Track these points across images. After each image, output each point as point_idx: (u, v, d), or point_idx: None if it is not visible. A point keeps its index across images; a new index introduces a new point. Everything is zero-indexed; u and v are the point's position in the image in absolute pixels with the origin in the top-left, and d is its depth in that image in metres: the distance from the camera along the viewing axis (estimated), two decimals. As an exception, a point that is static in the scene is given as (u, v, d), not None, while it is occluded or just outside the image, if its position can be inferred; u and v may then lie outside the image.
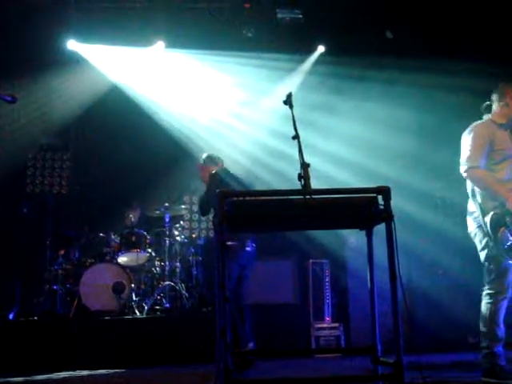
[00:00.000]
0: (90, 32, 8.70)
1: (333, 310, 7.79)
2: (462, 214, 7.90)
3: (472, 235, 4.90)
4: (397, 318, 3.42)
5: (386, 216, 3.47)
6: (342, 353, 7.23)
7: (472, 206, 4.88)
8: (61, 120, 9.01)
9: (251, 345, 5.91)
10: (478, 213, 4.75)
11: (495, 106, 4.99)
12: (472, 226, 4.89)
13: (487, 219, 4.61)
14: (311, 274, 7.87)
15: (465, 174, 4.83)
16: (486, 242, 4.69)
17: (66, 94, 9.07)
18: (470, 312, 7.10)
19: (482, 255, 4.78)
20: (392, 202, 3.53)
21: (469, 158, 4.79)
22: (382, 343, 3.78)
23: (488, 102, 5.08)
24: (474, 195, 4.84)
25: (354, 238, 7.73)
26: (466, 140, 4.90)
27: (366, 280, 3.87)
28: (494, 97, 5.01)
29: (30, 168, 8.99)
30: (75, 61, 8.91)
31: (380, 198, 3.54)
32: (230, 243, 5.68)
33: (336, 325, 7.61)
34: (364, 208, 3.52)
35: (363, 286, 4.10)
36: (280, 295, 7.87)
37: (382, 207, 3.51)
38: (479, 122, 5.01)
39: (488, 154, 4.80)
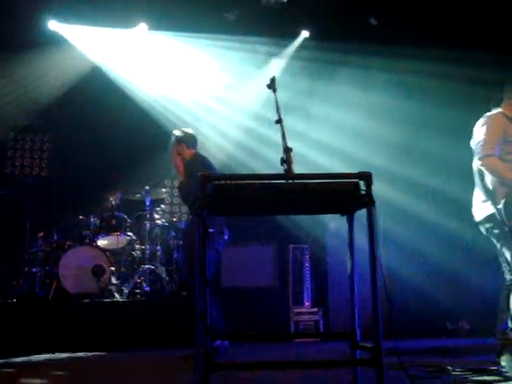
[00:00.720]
0: (72, 12, 8.58)
1: (312, 295, 7.83)
2: (446, 201, 8.06)
3: (482, 224, 4.89)
4: (376, 302, 3.43)
5: (368, 201, 3.47)
6: (321, 337, 7.29)
7: (479, 195, 4.89)
8: (41, 101, 8.92)
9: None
10: (488, 201, 4.76)
11: (507, 99, 5.00)
12: (481, 215, 4.88)
13: (500, 206, 4.63)
14: (291, 258, 7.89)
15: (479, 163, 4.82)
16: (502, 229, 4.68)
17: (47, 75, 8.97)
18: (448, 298, 7.23)
19: (499, 244, 4.77)
20: (375, 190, 3.53)
21: (484, 147, 4.79)
22: (361, 328, 3.80)
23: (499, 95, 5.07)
24: (484, 183, 4.84)
25: (334, 223, 7.76)
26: (481, 130, 4.90)
27: (346, 265, 3.88)
28: (507, 89, 5.02)
29: (9, 149, 8.91)
30: (56, 41, 8.79)
31: (362, 183, 3.54)
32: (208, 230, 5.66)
33: (315, 309, 7.65)
34: (346, 193, 3.51)
35: (343, 271, 4.12)
36: (260, 280, 7.90)
37: (363, 192, 3.51)
38: (492, 112, 5.00)
39: (501, 145, 4.83)
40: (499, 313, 4.83)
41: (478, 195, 4.93)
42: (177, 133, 6.41)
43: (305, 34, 9.25)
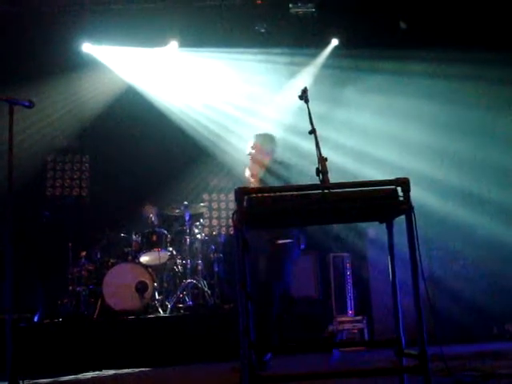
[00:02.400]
0: (104, 34, 8.76)
1: (355, 303, 7.77)
2: (482, 204, 7.96)
3: None
4: (419, 309, 3.40)
5: (406, 208, 3.45)
6: (366, 346, 7.21)
7: None
8: (78, 123, 9.09)
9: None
10: None
11: None
12: None
13: None
14: (332, 267, 7.85)
15: None
16: None
17: (83, 97, 9.14)
18: (493, 302, 7.11)
19: None
20: (413, 195, 3.51)
21: None
22: (406, 335, 3.77)
23: None
24: None
25: (373, 230, 7.71)
26: None
27: (387, 272, 3.86)
28: None
29: (49, 171, 9.09)
30: (91, 63, 8.98)
31: (399, 189, 3.52)
32: (284, 241, 5.69)
33: (359, 318, 7.57)
34: (383, 200, 3.49)
35: (385, 279, 4.08)
36: (302, 290, 7.86)
37: (401, 199, 3.49)
38: None
39: None
40: None
41: None
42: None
43: (334, 42, 9.23)
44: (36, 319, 7.65)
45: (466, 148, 8.05)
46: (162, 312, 7.47)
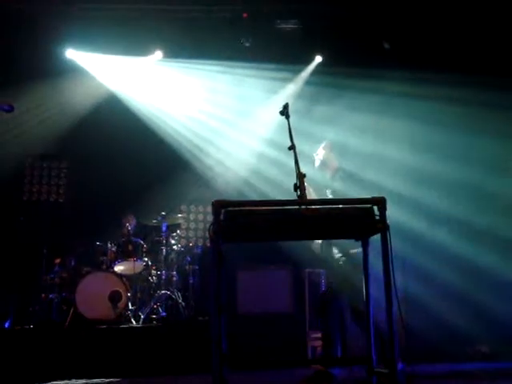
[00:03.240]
0: (89, 41, 8.72)
1: (329, 320, 7.76)
2: (458, 224, 8.03)
3: None
4: (392, 327, 3.42)
5: (382, 226, 3.48)
6: (337, 363, 7.20)
7: None
8: (58, 128, 9.02)
9: None
10: None
11: None
12: None
13: None
14: (307, 283, 7.85)
15: None
16: None
17: (64, 103, 9.08)
18: (467, 322, 7.15)
19: None
20: (389, 213, 3.54)
21: None
22: (380, 352, 3.78)
23: None
24: None
25: (350, 247, 7.71)
26: None
27: (362, 289, 3.87)
28: None
29: (27, 176, 9.01)
30: (73, 69, 8.94)
31: (376, 208, 3.55)
32: (354, 251, 5.68)
33: (332, 334, 7.57)
34: (359, 218, 3.53)
35: (359, 296, 4.09)
36: (276, 305, 7.85)
37: (377, 218, 3.52)
38: None
39: None
40: None
41: None
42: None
43: (318, 59, 9.28)
44: (7, 325, 7.55)
45: (442, 168, 8.12)
46: (134, 322, 7.42)
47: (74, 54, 8.91)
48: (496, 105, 7.99)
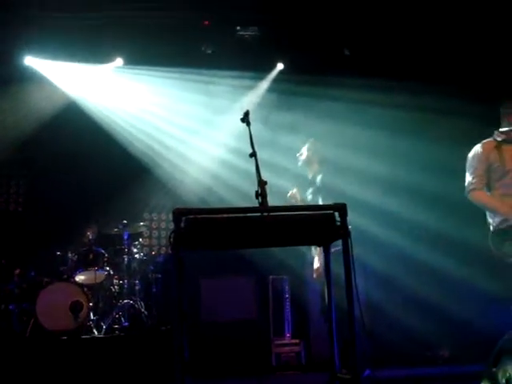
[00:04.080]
0: (48, 48, 8.60)
1: (293, 326, 7.79)
2: (419, 229, 8.14)
3: None
4: (353, 333, 3.44)
5: (343, 232, 3.49)
6: (301, 369, 7.23)
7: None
8: (17, 136, 8.88)
9: None
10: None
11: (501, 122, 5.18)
12: None
13: (489, 235, 4.84)
14: (271, 290, 7.86)
15: (468, 197, 5.10)
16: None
17: (23, 110, 8.94)
18: (428, 327, 7.24)
19: None
20: (354, 220, 3.56)
21: (467, 182, 5.10)
22: (343, 358, 3.79)
23: None
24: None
25: (313, 253, 7.75)
26: (467, 164, 5.14)
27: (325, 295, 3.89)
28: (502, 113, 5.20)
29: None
30: (32, 77, 8.81)
31: (337, 214, 3.56)
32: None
33: (296, 341, 7.60)
34: (321, 225, 3.54)
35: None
36: (240, 312, 7.84)
37: (338, 224, 3.53)
38: (476, 145, 5.21)
39: (486, 174, 5.02)
40: None
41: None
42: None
43: (280, 66, 9.32)
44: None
45: (408, 176, 8.21)
46: (96, 333, 7.32)
47: (32, 61, 8.78)
48: (454, 112, 8.12)
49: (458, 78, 8.36)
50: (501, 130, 5.11)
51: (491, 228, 4.98)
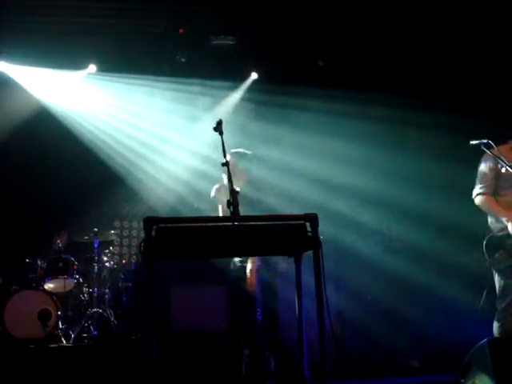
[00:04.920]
0: (20, 53, 8.53)
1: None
2: (390, 241, 8.20)
3: None
4: (323, 344, 3.43)
5: (314, 243, 3.49)
6: (271, 379, 7.20)
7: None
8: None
9: None
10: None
11: None
12: None
13: (484, 242, 4.90)
14: (242, 299, 7.81)
15: (475, 200, 5.20)
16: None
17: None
18: (397, 338, 7.28)
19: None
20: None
21: (476, 186, 5.21)
22: (313, 368, 3.78)
23: None
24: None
25: (284, 263, 7.75)
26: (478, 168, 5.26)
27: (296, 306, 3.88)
28: None
29: None
30: (3, 82, 8.72)
31: (308, 225, 3.57)
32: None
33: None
34: (292, 235, 3.53)
35: (293, 312, 4.10)
36: (211, 322, 7.78)
37: (310, 234, 3.54)
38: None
39: (494, 181, 5.11)
40: None
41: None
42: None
43: (254, 76, 9.34)
44: None
45: (382, 188, 8.27)
46: (65, 342, 7.23)
47: (4, 66, 8.70)
48: (428, 124, 8.21)
49: (435, 90, 8.45)
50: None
51: (487, 235, 5.03)
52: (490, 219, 5.15)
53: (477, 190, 5.20)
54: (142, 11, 8.19)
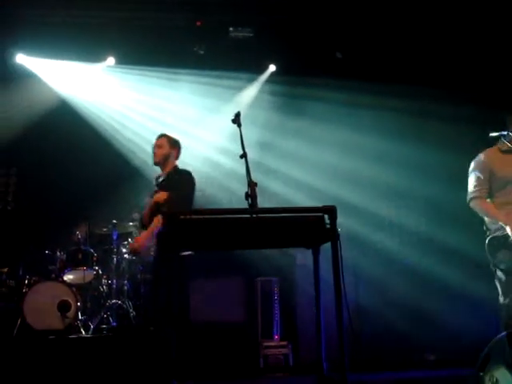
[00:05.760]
0: (40, 46, 8.59)
1: (282, 328, 7.76)
2: (409, 234, 8.17)
3: None
4: (342, 336, 3.43)
5: (332, 235, 3.49)
6: (289, 371, 7.21)
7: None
8: (7, 135, 8.83)
9: None
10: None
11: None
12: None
13: (486, 242, 4.94)
14: (260, 292, 7.84)
15: (469, 204, 5.18)
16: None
17: (14, 108, 8.89)
18: (414, 330, 7.25)
19: None
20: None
21: (470, 189, 5.17)
22: (331, 361, 3.78)
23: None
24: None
25: (302, 255, 7.75)
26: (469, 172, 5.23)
27: (314, 298, 3.88)
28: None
29: (-32, 185, 8.79)
30: (23, 75, 8.78)
31: (326, 217, 3.56)
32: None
33: (284, 343, 7.56)
34: (310, 227, 3.53)
35: (312, 304, 4.10)
36: (228, 314, 7.81)
37: (328, 226, 3.53)
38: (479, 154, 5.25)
39: (487, 183, 5.09)
40: None
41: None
42: (172, 136, 6.41)
43: (272, 67, 9.33)
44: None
45: (400, 180, 8.24)
46: (84, 332, 7.28)
47: (24, 59, 8.76)
48: (448, 116, 8.15)
49: (456, 82, 8.36)
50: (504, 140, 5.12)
51: (488, 235, 5.01)
52: (486, 219, 5.11)
53: (471, 193, 5.14)
54: (160, 4, 8.20)
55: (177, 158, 6.37)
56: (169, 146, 6.31)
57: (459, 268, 7.33)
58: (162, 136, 6.38)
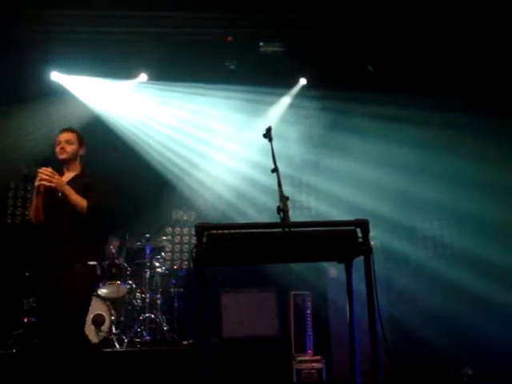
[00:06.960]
0: (74, 64, 8.73)
1: (315, 343, 7.73)
2: (444, 248, 8.09)
3: None
4: (375, 350, 3.41)
5: (365, 249, 3.48)
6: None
7: None
8: (42, 150, 8.97)
9: None
10: None
11: None
12: None
13: None
14: (293, 305, 7.82)
15: None
16: None
17: (49, 125, 9.03)
18: (451, 344, 7.15)
19: None
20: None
21: None
22: (365, 374, 3.75)
23: None
24: None
25: (335, 269, 7.72)
26: None
27: (347, 312, 3.86)
28: None
29: (10, 198, 8.93)
30: (58, 92, 8.94)
31: (359, 230, 3.55)
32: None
33: (318, 357, 7.53)
34: (342, 241, 3.52)
35: (344, 318, 4.08)
36: (261, 328, 7.80)
37: (360, 240, 3.52)
38: None
39: None
40: None
41: None
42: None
43: (303, 81, 9.35)
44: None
45: (438, 194, 8.17)
46: (118, 346, 7.33)
47: (58, 77, 8.92)
48: (485, 129, 8.05)
49: (491, 95, 8.26)
50: None
51: None
52: None
53: None
54: (191, 20, 8.29)
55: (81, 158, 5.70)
56: (78, 144, 5.64)
57: (498, 280, 7.23)
58: (71, 130, 5.62)
